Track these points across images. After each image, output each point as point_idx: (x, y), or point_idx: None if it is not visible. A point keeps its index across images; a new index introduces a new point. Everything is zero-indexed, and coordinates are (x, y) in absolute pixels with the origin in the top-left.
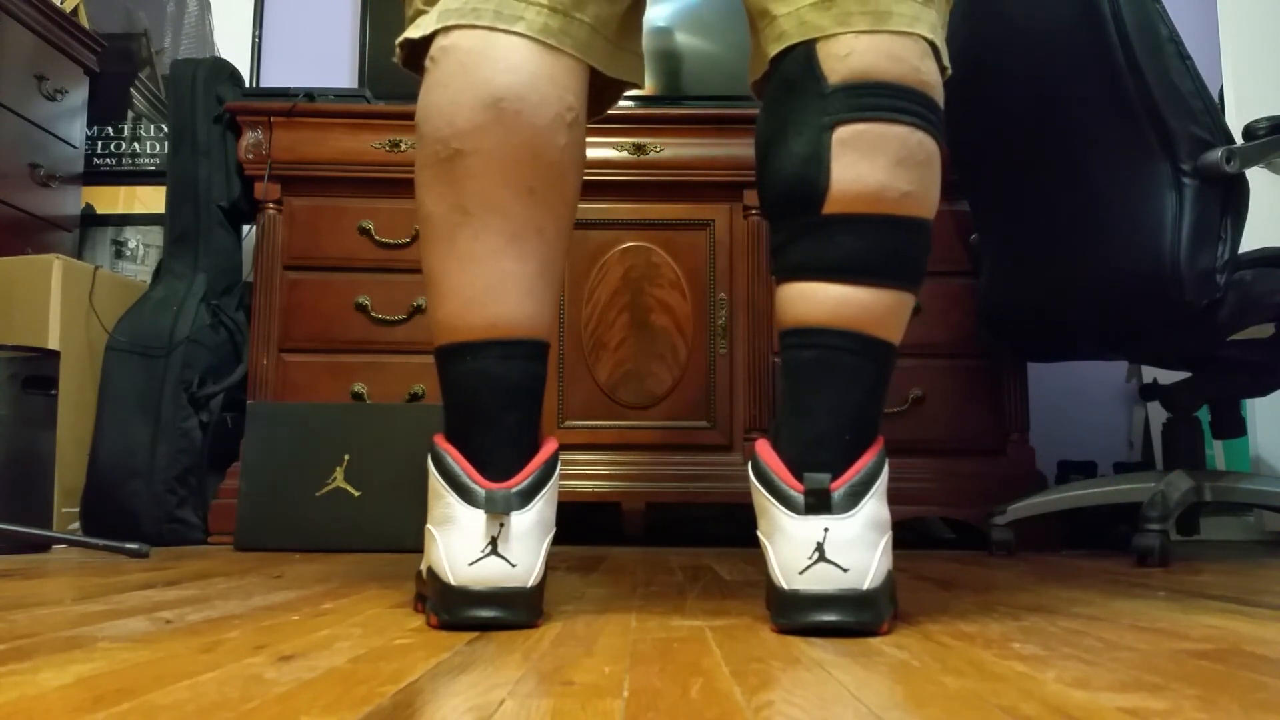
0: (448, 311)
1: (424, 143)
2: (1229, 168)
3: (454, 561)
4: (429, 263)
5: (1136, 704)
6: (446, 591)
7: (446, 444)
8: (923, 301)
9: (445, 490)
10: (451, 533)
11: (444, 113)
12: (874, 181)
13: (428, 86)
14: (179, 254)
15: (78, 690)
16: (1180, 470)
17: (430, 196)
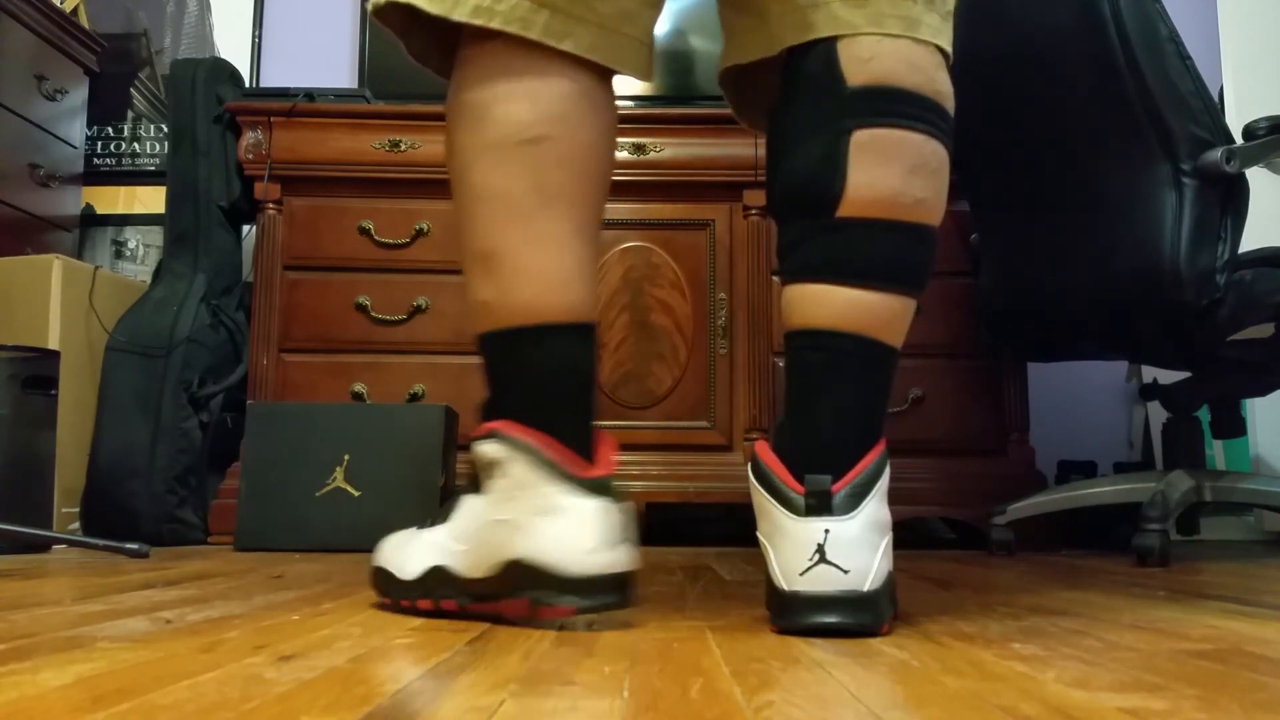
0: (530, 293)
1: (494, 122)
2: (1229, 167)
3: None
4: (496, 242)
5: (1136, 704)
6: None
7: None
8: (923, 301)
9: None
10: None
11: (526, 96)
12: (889, 187)
13: (491, 72)
14: (179, 254)
15: (78, 690)
16: (1180, 470)
17: (502, 175)
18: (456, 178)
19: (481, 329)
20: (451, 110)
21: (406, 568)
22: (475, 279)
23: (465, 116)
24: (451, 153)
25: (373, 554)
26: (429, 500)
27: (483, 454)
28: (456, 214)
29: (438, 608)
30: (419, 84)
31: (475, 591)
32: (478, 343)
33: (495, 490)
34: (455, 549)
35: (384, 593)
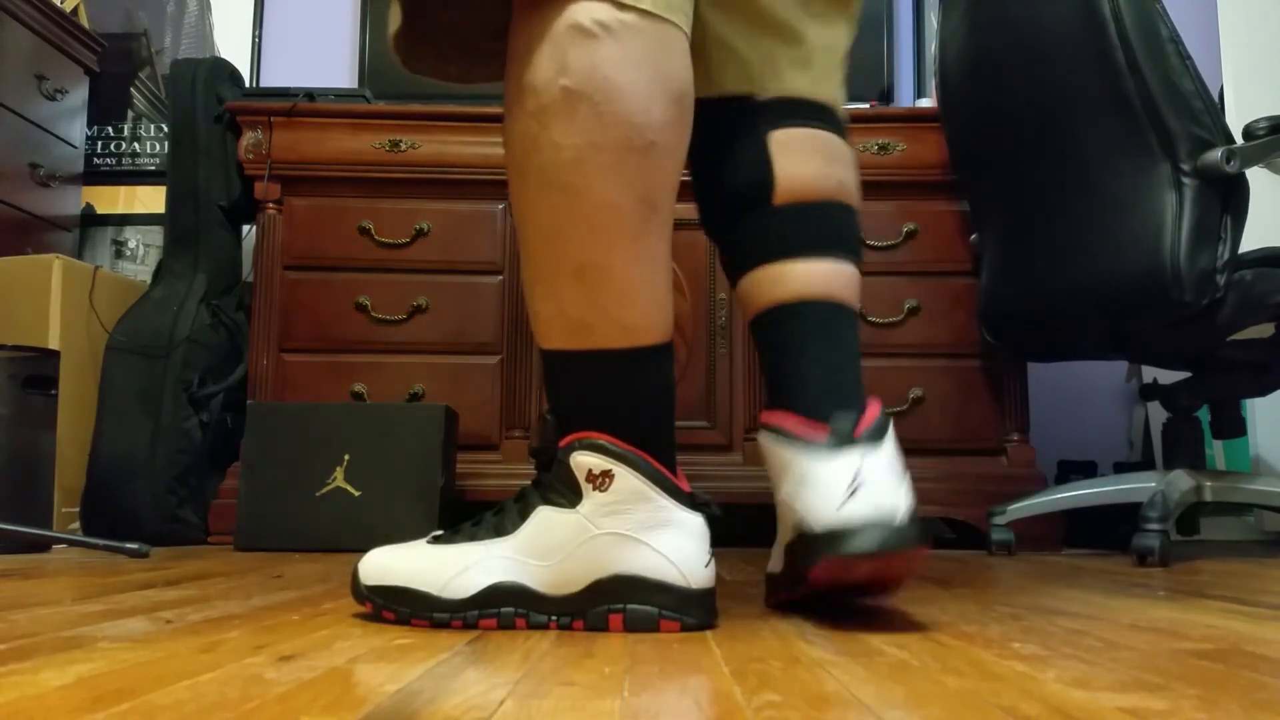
0: (636, 314)
1: (608, 126)
2: (1229, 167)
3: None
4: (600, 256)
5: (1136, 704)
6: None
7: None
8: (922, 301)
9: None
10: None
11: (641, 98)
12: (811, 172)
13: (609, 60)
14: (179, 254)
15: (78, 690)
16: (1180, 470)
17: (613, 184)
18: (547, 177)
19: (569, 345)
20: (553, 98)
21: (454, 585)
22: (565, 291)
23: (578, 109)
24: (540, 147)
25: (366, 571)
26: (429, 500)
27: (582, 464)
28: (537, 215)
29: (508, 628)
30: (419, 84)
31: (553, 610)
32: (556, 356)
33: (595, 502)
34: (534, 564)
35: (414, 613)
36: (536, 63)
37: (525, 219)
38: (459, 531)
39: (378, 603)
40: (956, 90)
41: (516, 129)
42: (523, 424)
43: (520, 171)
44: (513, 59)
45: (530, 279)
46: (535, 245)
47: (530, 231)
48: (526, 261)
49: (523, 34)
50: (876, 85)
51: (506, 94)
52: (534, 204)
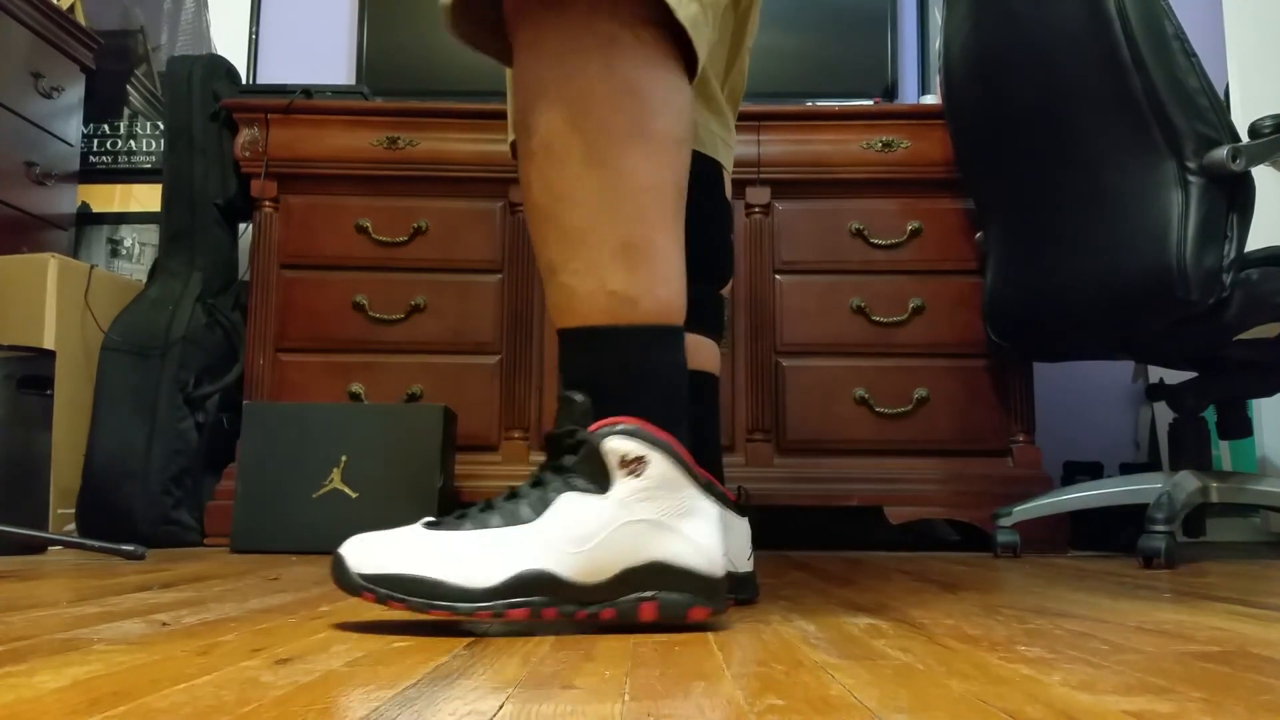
0: (671, 291)
1: (653, 115)
2: (1235, 166)
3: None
4: (646, 234)
5: (1142, 707)
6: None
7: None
8: (927, 300)
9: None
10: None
11: (677, 100)
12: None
13: (655, 62)
14: (175, 252)
15: (74, 693)
16: (1186, 471)
17: (659, 167)
18: (596, 157)
19: (610, 320)
20: (599, 87)
21: (475, 573)
22: (610, 266)
23: (624, 96)
24: (586, 129)
25: (357, 559)
26: (427, 501)
27: (616, 449)
28: (578, 192)
29: (537, 617)
30: (417, 80)
31: (582, 598)
32: (591, 331)
33: (627, 488)
34: (567, 551)
35: (430, 603)
36: (583, 56)
37: (561, 196)
38: (463, 517)
39: (380, 592)
40: (961, 87)
41: (554, 117)
42: (522, 424)
43: (557, 156)
44: (543, 54)
45: (564, 257)
46: (574, 224)
47: (566, 211)
48: (561, 238)
49: (557, 29)
50: (880, 82)
51: (532, 84)
52: (575, 184)
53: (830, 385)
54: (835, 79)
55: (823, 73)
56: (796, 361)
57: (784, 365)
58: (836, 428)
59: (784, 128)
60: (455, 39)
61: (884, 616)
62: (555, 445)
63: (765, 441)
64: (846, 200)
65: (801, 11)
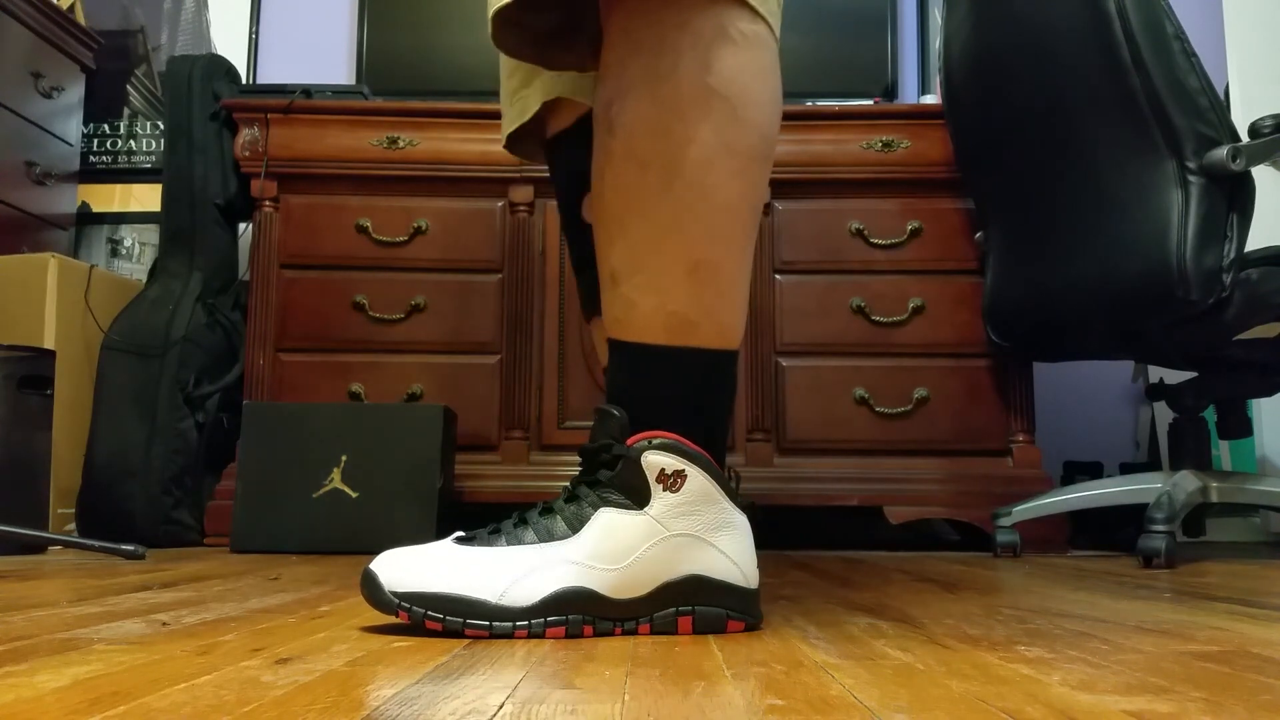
0: (735, 317)
1: (742, 130)
2: (1235, 165)
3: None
4: (718, 255)
5: (1142, 707)
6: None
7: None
8: (927, 300)
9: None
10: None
11: (770, 108)
12: None
13: (748, 67)
14: (174, 252)
15: (74, 693)
16: (1187, 471)
17: (740, 186)
18: (675, 169)
19: (667, 340)
20: (692, 91)
21: (513, 592)
22: (674, 286)
23: (716, 107)
24: (671, 137)
25: (391, 577)
26: (427, 502)
27: (655, 464)
28: (653, 206)
29: (575, 635)
30: (417, 80)
31: (619, 614)
32: (647, 350)
33: (666, 503)
34: (601, 569)
35: (469, 623)
36: (676, 54)
37: (635, 207)
38: (496, 533)
39: (417, 612)
40: (961, 87)
41: (642, 115)
42: (522, 424)
43: (639, 160)
44: (637, 47)
45: (629, 269)
46: (644, 235)
47: (638, 221)
48: (628, 248)
49: (653, 24)
50: (880, 82)
51: (622, 79)
52: (649, 195)
53: (830, 385)
54: (835, 79)
55: (823, 73)
56: (796, 361)
57: (784, 365)
58: (836, 428)
59: (784, 128)
60: (501, 49)
61: (884, 616)
62: (591, 459)
63: (765, 441)
64: (846, 200)
65: (801, 11)
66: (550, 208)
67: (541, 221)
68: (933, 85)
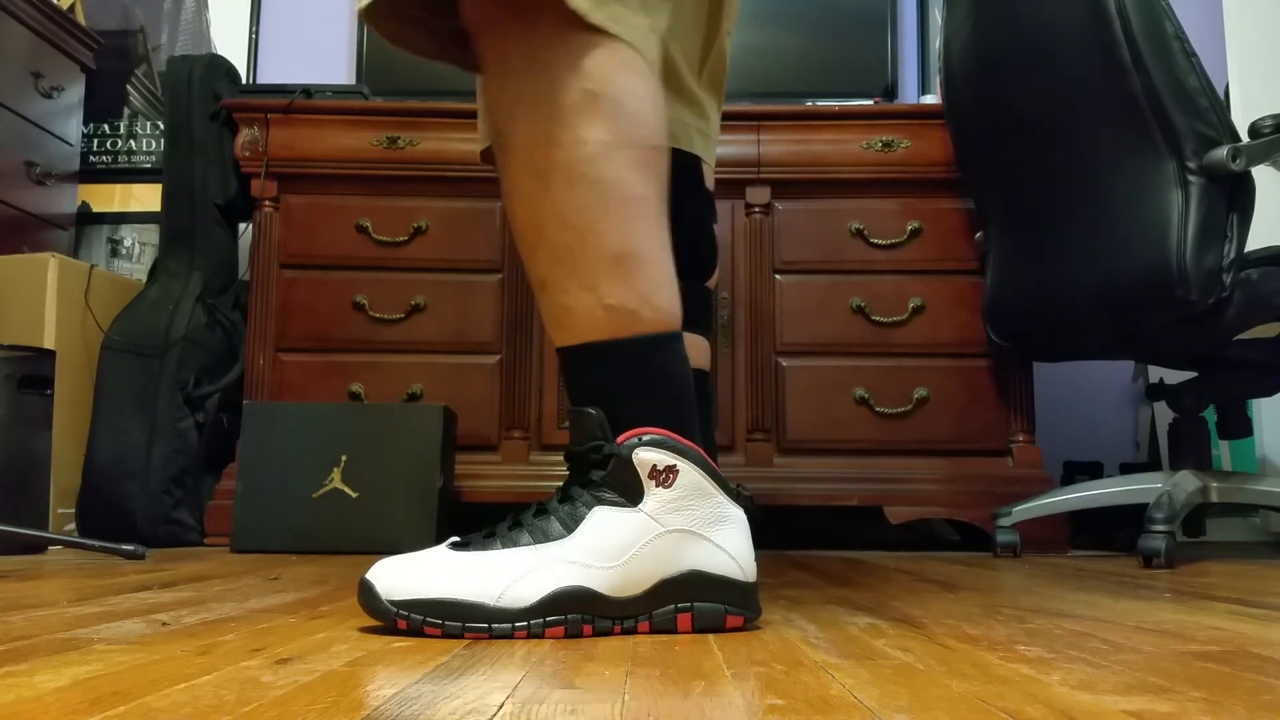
0: (669, 299)
1: (630, 124)
2: (1235, 165)
3: (748, 562)
4: (638, 245)
5: (1142, 707)
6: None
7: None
8: (927, 300)
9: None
10: (739, 533)
11: (653, 106)
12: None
13: (624, 68)
14: (174, 252)
15: (74, 693)
16: (1186, 471)
17: (641, 177)
18: (574, 172)
19: (612, 334)
20: (573, 100)
21: (511, 594)
22: (605, 281)
23: (600, 109)
24: (562, 145)
25: (387, 585)
26: (427, 502)
27: (646, 460)
28: (563, 211)
29: (574, 635)
30: (417, 80)
31: (618, 613)
32: (594, 348)
33: (659, 499)
34: (598, 567)
35: (468, 626)
36: (551, 72)
37: (546, 217)
38: (491, 536)
39: (415, 618)
40: (961, 87)
41: (531, 131)
42: (522, 424)
43: (538, 172)
44: (513, 71)
45: (559, 276)
46: (563, 241)
47: (554, 228)
48: (551, 257)
49: (521, 47)
50: (880, 82)
51: (505, 101)
52: (559, 201)
53: (830, 385)
54: (835, 79)
55: (823, 73)
56: (796, 361)
57: (784, 365)
58: (836, 428)
59: (784, 128)
60: (379, 37)
61: (884, 616)
62: (580, 460)
63: (765, 441)
64: (846, 200)
65: (801, 11)
66: None
67: None
68: (933, 85)
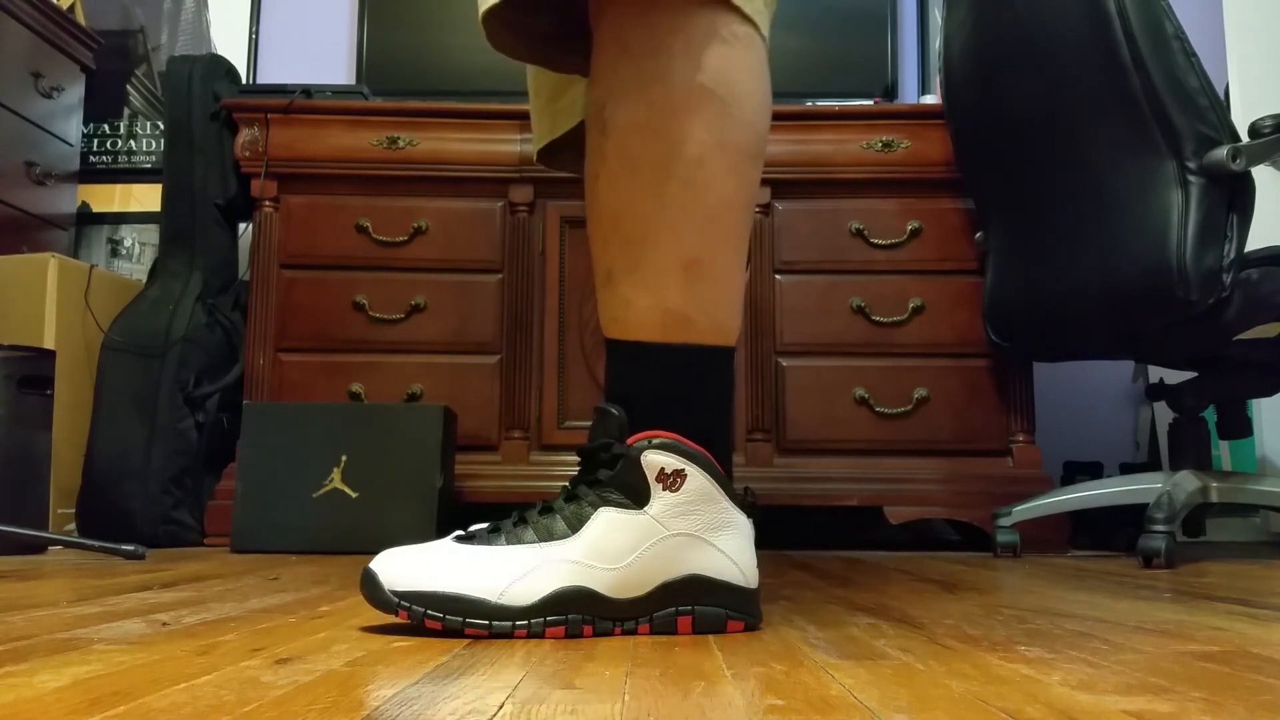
0: (730, 313)
1: (735, 128)
2: (1235, 165)
3: (750, 569)
4: (712, 252)
5: (1142, 707)
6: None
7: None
8: (927, 300)
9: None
10: (742, 539)
11: (762, 107)
12: None
13: (740, 66)
14: (175, 252)
15: (74, 693)
16: (1186, 471)
17: (736, 183)
18: (667, 169)
19: (664, 338)
20: (686, 92)
21: (513, 591)
22: (670, 283)
23: (711, 107)
24: (664, 138)
25: (391, 576)
26: (427, 501)
27: (655, 463)
28: (644, 206)
29: (575, 635)
30: (417, 80)
31: (619, 614)
32: (643, 347)
33: (665, 502)
34: (601, 568)
35: (469, 622)
36: (668, 56)
37: (630, 207)
38: (495, 531)
39: (416, 611)
40: (961, 87)
41: (635, 116)
42: (522, 424)
43: (633, 160)
44: (628, 50)
45: (624, 268)
46: (638, 235)
47: (634, 220)
48: (624, 247)
49: (643, 27)
50: (880, 81)
51: (614, 81)
52: (644, 194)
53: (830, 385)
54: (835, 79)
55: (823, 73)
56: (796, 361)
57: (784, 365)
58: (836, 428)
59: (784, 128)
60: (497, 50)
61: (884, 616)
62: (590, 458)
63: (765, 441)
64: (846, 200)
65: (801, 11)
66: (550, 208)
67: (541, 221)
68: (933, 85)
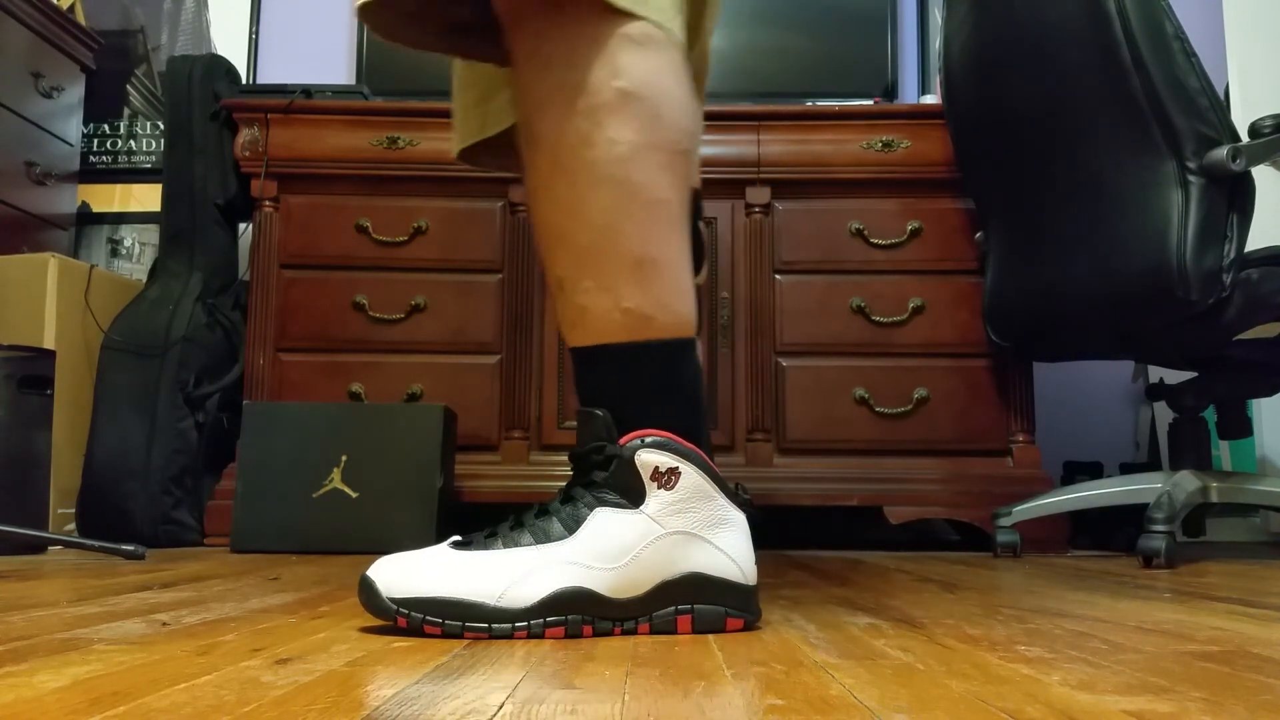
0: (687, 305)
1: (662, 127)
2: (1235, 165)
3: (749, 565)
4: (660, 249)
5: (1142, 707)
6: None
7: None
8: (927, 300)
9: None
10: (740, 536)
11: (685, 108)
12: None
13: (659, 68)
14: (175, 252)
15: (74, 693)
16: (1187, 471)
17: (668, 181)
18: (601, 172)
19: (627, 337)
20: (607, 98)
21: (512, 594)
22: (623, 284)
23: (633, 109)
24: (593, 144)
25: (388, 583)
26: (427, 501)
27: (649, 462)
28: (587, 211)
29: (574, 635)
30: (417, 80)
31: (618, 614)
32: (609, 350)
33: (661, 501)
34: (599, 568)
35: (468, 625)
36: (586, 66)
37: (571, 215)
38: (492, 536)
39: (415, 617)
40: (961, 87)
41: (562, 127)
42: (522, 424)
43: (566, 169)
44: (547, 63)
45: (575, 275)
46: (585, 241)
47: (577, 227)
48: (571, 256)
49: (557, 40)
50: (880, 82)
51: (537, 95)
52: (584, 200)
53: (830, 385)
54: (835, 79)
55: (823, 73)
56: (796, 361)
57: (784, 365)
58: (836, 428)
59: (784, 128)
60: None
61: (884, 616)
62: (583, 461)
63: (765, 441)
64: (846, 200)
65: (801, 11)
66: None
67: None
68: (933, 85)
